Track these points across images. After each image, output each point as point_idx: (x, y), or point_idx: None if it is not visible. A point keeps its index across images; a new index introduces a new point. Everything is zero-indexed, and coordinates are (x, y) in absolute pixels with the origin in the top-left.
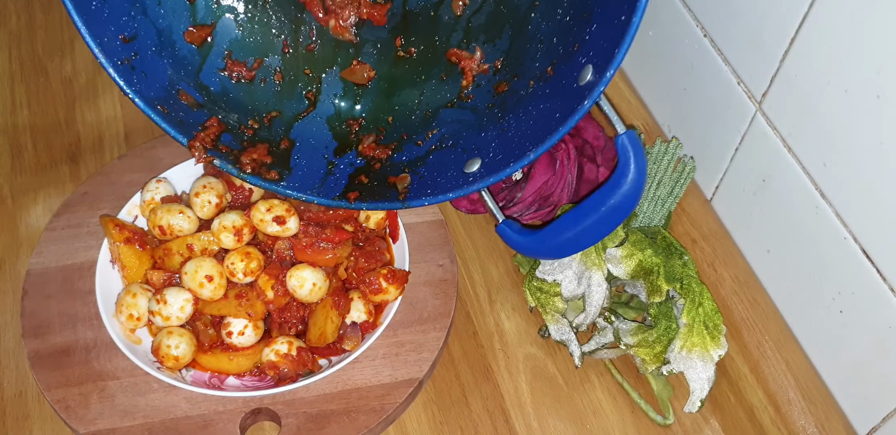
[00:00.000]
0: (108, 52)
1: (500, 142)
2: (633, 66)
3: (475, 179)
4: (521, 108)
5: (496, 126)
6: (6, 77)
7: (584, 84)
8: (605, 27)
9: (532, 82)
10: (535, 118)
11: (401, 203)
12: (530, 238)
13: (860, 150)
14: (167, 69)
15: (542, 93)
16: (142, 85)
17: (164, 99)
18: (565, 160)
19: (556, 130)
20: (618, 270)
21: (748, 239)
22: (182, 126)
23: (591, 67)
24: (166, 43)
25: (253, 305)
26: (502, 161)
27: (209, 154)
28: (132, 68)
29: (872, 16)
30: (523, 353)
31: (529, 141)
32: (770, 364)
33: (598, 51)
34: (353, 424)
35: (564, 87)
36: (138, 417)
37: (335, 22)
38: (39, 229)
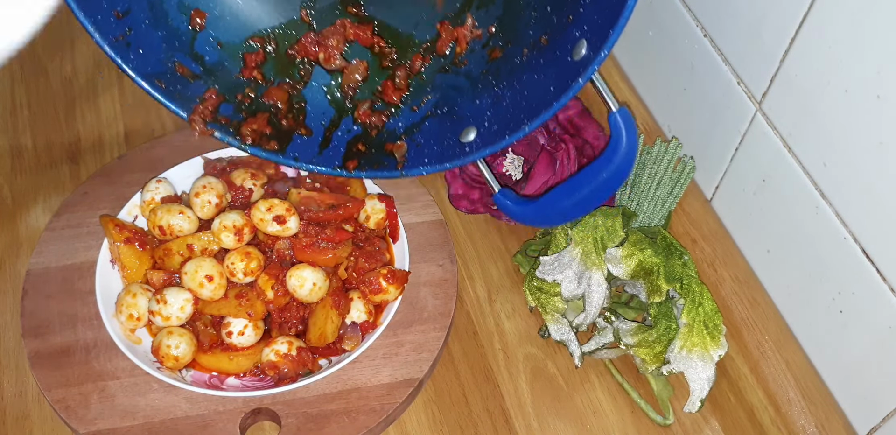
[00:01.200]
0: (104, 30)
1: (495, 111)
2: (633, 66)
3: (471, 150)
4: (515, 76)
5: (491, 93)
6: (6, 77)
7: (579, 59)
8: (599, 2)
9: (526, 51)
10: (530, 89)
11: (399, 172)
12: (526, 207)
13: (860, 150)
14: (162, 42)
15: (536, 62)
16: (138, 61)
17: (161, 73)
18: (565, 160)
19: (550, 105)
20: (618, 270)
21: (748, 239)
22: (181, 100)
23: (585, 43)
24: (159, 14)
25: (253, 304)
26: (498, 132)
27: (209, 127)
28: (128, 45)
29: (872, 16)
30: (523, 353)
31: (524, 113)
32: (770, 364)
33: (592, 26)
34: (353, 424)
35: (559, 59)
36: (138, 417)
37: (325, 54)
38: (39, 229)
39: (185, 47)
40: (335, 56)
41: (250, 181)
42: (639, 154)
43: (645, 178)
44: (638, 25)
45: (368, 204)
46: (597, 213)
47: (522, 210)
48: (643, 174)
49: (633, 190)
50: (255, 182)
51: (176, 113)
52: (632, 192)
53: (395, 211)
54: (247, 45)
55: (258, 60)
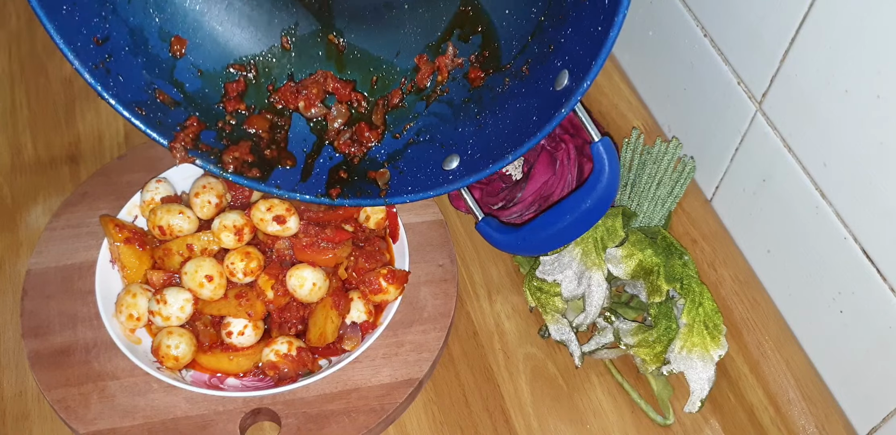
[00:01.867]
0: (83, 56)
1: (477, 139)
2: (633, 66)
3: (455, 178)
4: (498, 105)
5: (473, 122)
6: (6, 77)
7: (561, 90)
8: (580, 34)
9: (507, 80)
10: (513, 118)
11: (382, 200)
12: (509, 236)
13: (860, 150)
14: (142, 68)
15: (518, 91)
16: (118, 88)
17: (141, 100)
18: (565, 160)
19: (533, 134)
20: (618, 270)
21: (748, 239)
22: (161, 127)
23: (566, 73)
24: (139, 41)
25: (253, 305)
26: (481, 160)
27: (190, 154)
28: (108, 71)
29: (872, 16)
30: (523, 353)
31: (507, 142)
32: (770, 364)
33: (573, 57)
34: (353, 424)
35: (540, 88)
36: (138, 417)
37: (305, 103)
38: (39, 229)
39: (166, 74)
40: (314, 105)
41: None
42: (639, 154)
43: (645, 178)
44: (638, 25)
45: None
46: None
47: (505, 238)
48: (643, 174)
49: (633, 190)
50: None
51: (156, 141)
52: (632, 192)
53: (395, 211)
54: (227, 72)
55: (239, 90)
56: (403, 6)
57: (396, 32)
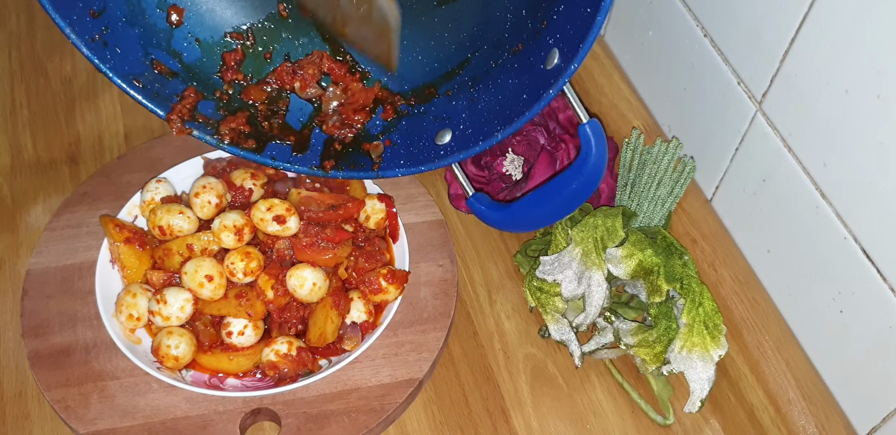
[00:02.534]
0: (79, 29)
1: (470, 113)
2: (633, 66)
3: (446, 153)
4: (491, 79)
5: (466, 95)
6: (6, 77)
7: (552, 69)
8: (572, 13)
9: (501, 53)
10: (504, 94)
11: (375, 173)
12: (499, 212)
13: (860, 150)
14: (139, 39)
15: (511, 66)
16: (116, 60)
17: (139, 72)
18: (565, 160)
19: (522, 113)
20: (618, 270)
21: (748, 239)
22: (159, 99)
23: (557, 52)
24: (137, 11)
25: (253, 304)
26: (472, 136)
27: (188, 126)
28: (105, 44)
29: (872, 16)
30: (523, 353)
31: (497, 119)
32: (770, 364)
33: (564, 35)
34: (353, 424)
35: (532, 65)
36: (138, 417)
37: (300, 83)
38: (39, 229)
39: (163, 44)
40: (310, 85)
41: (250, 181)
42: (639, 154)
43: (645, 178)
44: (638, 25)
45: (368, 204)
46: (597, 213)
47: (494, 215)
48: (643, 174)
49: (633, 190)
50: (255, 182)
51: (154, 112)
52: (632, 192)
53: (395, 211)
54: (225, 41)
55: (237, 59)
56: None
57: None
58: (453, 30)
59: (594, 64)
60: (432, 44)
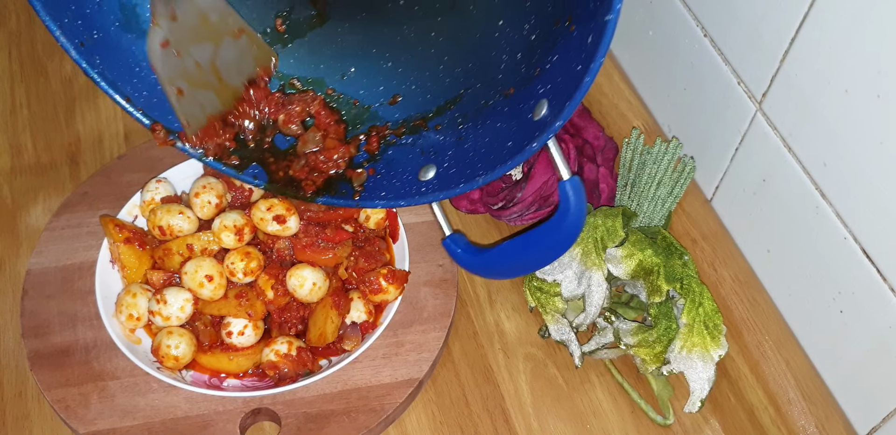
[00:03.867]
0: (69, 32)
1: (455, 151)
2: (633, 66)
3: (427, 190)
4: (480, 119)
5: (454, 131)
6: (6, 77)
7: (538, 120)
8: (564, 65)
9: (493, 94)
10: (491, 137)
11: (354, 202)
12: (474, 258)
13: (860, 150)
14: (132, 45)
15: (501, 110)
16: (105, 66)
17: (127, 78)
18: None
19: (505, 162)
20: (618, 270)
21: (748, 239)
22: (146, 107)
23: (546, 103)
24: (130, 17)
25: (253, 304)
26: (454, 176)
27: (171, 138)
28: (95, 47)
29: (872, 16)
30: (523, 353)
31: (481, 162)
32: (770, 364)
33: (555, 87)
34: (353, 424)
35: (521, 112)
36: (138, 417)
37: (285, 117)
38: (39, 229)
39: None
40: (294, 122)
41: None
42: (639, 154)
43: (645, 178)
44: (638, 25)
45: None
46: (597, 213)
47: (470, 259)
48: (643, 174)
49: (633, 190)
50: None
51: (139, 120)
52: (632, 192)
53: (395, 211)
54: None
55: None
56: (399, 2)
57: (391, 31)
58: (450, 63)
59: None
60: (427, 75)
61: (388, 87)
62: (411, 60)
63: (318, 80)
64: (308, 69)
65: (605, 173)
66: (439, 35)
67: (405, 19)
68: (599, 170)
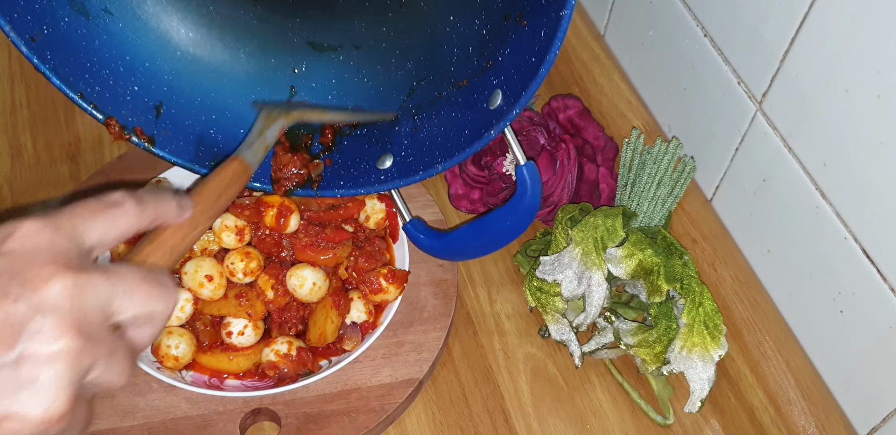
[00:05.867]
0: (20, 27)
1: (411, 141)
2: (633, 66)
3: (386, 178)
4: (434, 109)
5: (409, 121)
6: (6, 77)
7: (494, 109)
8: (517, 58)
9: (446, 86)
10: (447, 126)
11: (314, 192)
12: (434, 241)
13: (860, 150)
14: (82, 40)
15: (455, 100)
16: (57, 61)
17: (80, 74)
18: (565, 160)
19: (463, 149)
20: (618, 270)
21: (748, 239)
22: (99, 102)
23: (500, 94)
24: (80, 11)
25: (253, 304)
26: (412, 165)
27: (126, 132)
28: (46, 43)
29: (872, 16)
30: (523, 353)
31: (439, 150)
32: (770, 364)
33: (508, 79)
34: (353, 425)
35: (476, 102)
36: (138, 417)
37: (278, 173)
38: None
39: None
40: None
41: None
42: (639, 154)
43: (645, 178)
44: (638, 25)
45: (368, 204)
46: (597, 213)
47: (430, 242)
48: (643, 174)
49: (633, 190)
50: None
51: (94, 116)
52: (632, 192)
53: (396, 211)
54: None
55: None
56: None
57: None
58: (401, 57)
59: (594, 64)
60: (379, 68)
61: (340, 81)
62: (363, 54)
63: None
64: (258, 63)
65: (605, 173)
66: (390, 30)
67: (356, 14)
68: (599, 170)
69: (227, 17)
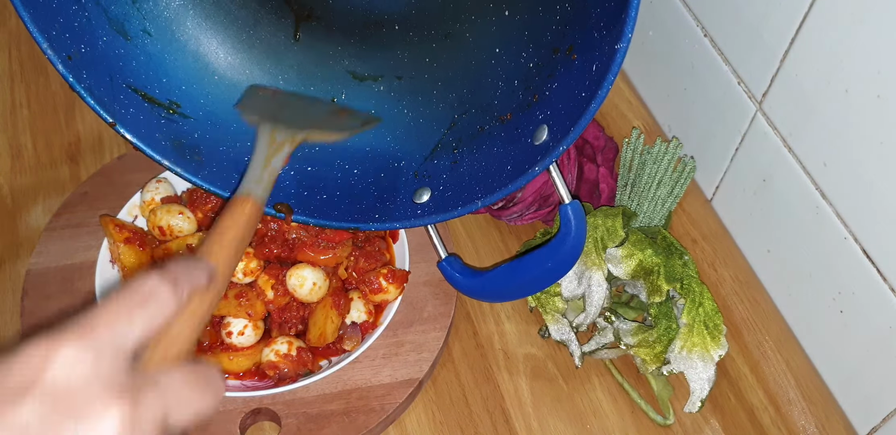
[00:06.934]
0: (57, 45)
1: (450, 175)
2: (634, 66)
3: (423, 213)
4: (476, 144)
5: (449, 156)
6: (6, 77)
7: (539, 144)
8: (566, 92)
9: (489, 120)
10: (488, 161)
11: (349, 224)
12: (470, 280)
13: (860, 150)
14: (119, 61)
15: (498, 135)
16: (92, 81)
17: (115, 96)
18: (565, 160)
19: (505, 185)
20: (618, 270)
21: (748, 239)
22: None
23: (546, 129)
24: (118, 32)
25: (253, 304)
26: (451, 199)
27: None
28: (83, 62)
29: (872, 16)
30: (523, 353)
31: (479, 186)
32: (770, 364)
33: (555, 113)
34: (353, 425)
35: (520, 137)
36: None
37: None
38: (39, 229)
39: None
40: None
41: None
42: (639, 154)
43: (645, 178)
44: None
45: None
46: (597, 213)
47: (466, 282)
48: (643, 174)
49: (633, 190)
50: None
51: (124, 137)
52: (632, 192)
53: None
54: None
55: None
56: (394, 27)
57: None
58: (443, 89)
59: None
60: (420, 99)
61: (379, 111)
62: (404, 85)
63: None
64: (297, 90)
65: (605, 173)
66: (433, 61)
67: (399, 44)
68: (599, 170)
69: (267, 43)
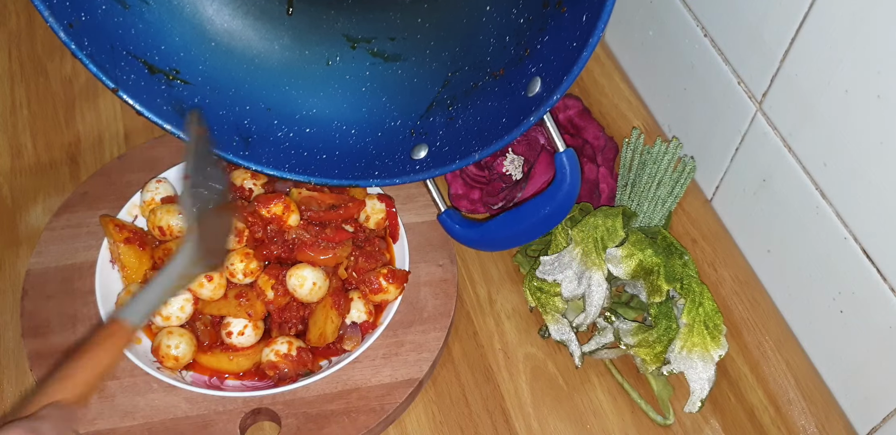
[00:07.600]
0: (59, 13)
1: (447, 131)
2: (633, 66)
3: (422, 168)
4: (470, 100)
5: (444, 112)
6: (6, 77)
7: (532, 96)
8: (557, 44)
9: (482, 76)
10: (483, 116)
11: (350, 182)
12: (470, 230)
13: (860, 150)
14: (118, 29)
15: (491, 90)
16: (94, 48)
17: (115, 62)
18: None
19: (501, 137)
20: (618, 270)
21: (748, 239)
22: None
23: (539, 81)
24: (117, 0)
25: (253, 304)
26: (448, 154)
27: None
28: (83, 29)
29: (872, 16)
30: (523, 353)
31: (476, 139)
32: (770, 364)
33: (548, 65)
34: (353, 425)
35: (513, 90)
36: (138, 417)
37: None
38: (39, 229)
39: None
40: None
41: (250, 181)
42: (639, 154)
43: (645, 178)
44: (638, 25)
45: (368, 204)
46: (597, 213)
47: (466, 233)
48: (643, 174)
49: (633, 190)
50: (255, 182)
51: (127, 103)
52: (632, 192)
53: (395, 211)
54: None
55: None
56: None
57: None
58: (435, 48)
59: (594, 64)
60: (413, 59)
61: (374, 72)
62: (397, 45)
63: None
64: (292, 54)
65: (605, 173)
66: (425, 21)
67: (391, 5)
68: (599, 170)
69: (262, 9)
